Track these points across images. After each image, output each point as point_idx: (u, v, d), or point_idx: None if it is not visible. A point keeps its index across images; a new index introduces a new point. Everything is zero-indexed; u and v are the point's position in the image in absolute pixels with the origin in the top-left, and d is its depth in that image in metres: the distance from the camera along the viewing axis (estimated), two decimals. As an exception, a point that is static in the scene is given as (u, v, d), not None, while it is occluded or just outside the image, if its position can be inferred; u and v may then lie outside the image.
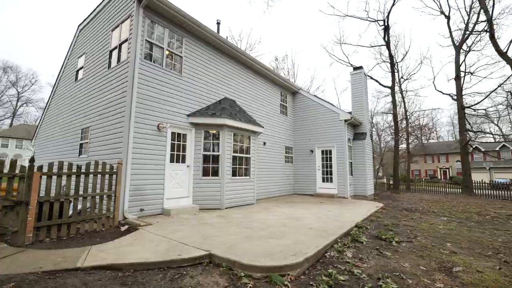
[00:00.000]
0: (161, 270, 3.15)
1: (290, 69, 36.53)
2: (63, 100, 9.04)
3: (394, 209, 8.54)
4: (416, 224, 6.08)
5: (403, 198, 13.11)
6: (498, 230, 5.69)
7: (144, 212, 5.70)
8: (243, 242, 3.89)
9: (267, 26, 57.98)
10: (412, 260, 3.61)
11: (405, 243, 4.42)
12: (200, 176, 7.03)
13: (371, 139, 13.05)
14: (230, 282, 2.87)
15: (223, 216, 5.98)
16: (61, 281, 2.75)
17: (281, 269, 3.01)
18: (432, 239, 4.76)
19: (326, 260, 3.55)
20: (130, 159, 5.49)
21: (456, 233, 5.24)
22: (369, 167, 11.86)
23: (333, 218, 5.96)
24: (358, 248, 4.08)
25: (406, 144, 19.91)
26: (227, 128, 7.34)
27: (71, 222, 4.55)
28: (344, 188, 10.57)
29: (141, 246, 3.73)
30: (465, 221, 6.80)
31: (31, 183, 4.11)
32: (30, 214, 4.05)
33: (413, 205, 10.00)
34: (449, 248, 4.18)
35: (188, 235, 4.29)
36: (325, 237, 4.23)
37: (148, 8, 6.08)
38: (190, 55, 7.24)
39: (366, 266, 3.34)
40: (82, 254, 3.43)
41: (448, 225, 6.03)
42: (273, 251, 3.47)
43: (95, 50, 7.44)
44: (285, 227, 4.95)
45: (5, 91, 43.86)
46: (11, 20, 69.64)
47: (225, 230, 4.64)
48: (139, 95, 5.78)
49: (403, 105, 19.70)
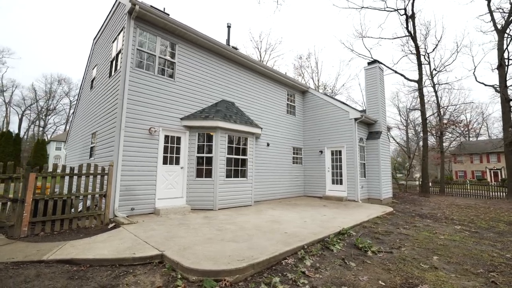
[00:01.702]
0: (113, 267, 3.34)
1: (314, 67, 35.53)
2: (83, 108, 10.05)
3: (404, 215, 7.79)
4: (415, 232, 5.48)
5: (428, 203, 11.88)
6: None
7: (134, 211, 6.07)
8: (201, 244, 3.93)
9: (288, 25, 57.19)
10: (375, 273, 3.28)
11: (383, 253, 4.03)
12: (194, 177, 7.24)
13: (388, 138, 12.07)
14: (165, 283, 2.93)
15: (208, 217, 6.09)
16: (20, 271, 3.09)
17: (218, 274, 2.98)
18: (419, 250, 4.25)
19: (279, 268, 3.41)
20: (120, 161, 5.90)
21: (455, 245, 4.60)
22: (385, 169, 10.99)
23: (318, 223, 5.67)
24: (324, 256, 3.83)
25: (439, 143, 17.88)
26: (220, 130, 7.44)
27: (64, 218, 5.05)
28: (354, 191, 9.95)
29: (109, 243, 4.00)
30: (484, 231, 5.92)
31: (27, 183, 4.67)
32: (26, 210, 4.60)
33: (433, 211, 9.00)
34: (432, 262, 3.70)
35: (157, 234, 4.46)
36: (290, 243, 4.06)
37: (139, 18, 6.47)
38: (184, 60, 7.50)
39: (318, 277, 3.14)
40: (55, 248, 3.79)
41: (454, 235, 5.33)
42: (222, 255, 3.44)
43: (103, 61, 8.14)
44: (257, 231, 4.86)
45: (60, 100, 50.17)
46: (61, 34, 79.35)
47: (196, 232, 4.72)
48: (130, 101, 6.17)
49: (436, 100, 17.75)
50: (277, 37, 55.95)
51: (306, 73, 34.03)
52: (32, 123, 50.72)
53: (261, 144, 9.75)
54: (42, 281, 2.89)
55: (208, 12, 63.22)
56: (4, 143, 28.28)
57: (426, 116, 15.42)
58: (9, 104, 47.56)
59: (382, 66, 12.07)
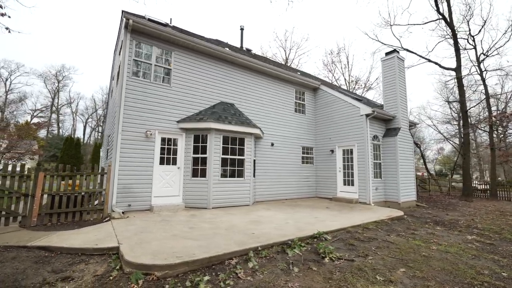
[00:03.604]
0: (76, 255, 3.80)
1: (344, 63, 33.64)
2: (108, 115, 11.36)
3: (415, 220, 6.94)
4: (405, 240, 4.88)
5: (465, 208, 10.32)
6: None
7: (131, 207, 6.67)
8: (161, 240, 4.16)
9: (314, 22, 54.86)
10: (311, 282, 3.09)
11: (342, 261, 3.72)
12: (190, 177, 7.61)
13: (411, 135, 10.83)
14: (105, 272, 3.23)
15: (194, 215, 6.35)
16: (5, 254, 3.73)
17: (149, 268, 3.16)
18: (390, 260, 3.81)
19: (219, 267, 3.44)
20: (118, 162, 6.55)
21: (441, 258, 3.98)
22: (405, 169, 9.90)
23: (299, 225, 5.46)
24: (273, 259, 3.72)
25: (490, 139, 15.15)
26: (214, 131, 7.68)
27: (68, 211, 5.84)
28: (365, 192, 9.22)
29: (86, 235, 4.52)
30: (504, 244, 4.97)
31: (36, 181, 5.54)
32: (35, 204, 5.47)
33: (458, 217, 7.81)
34: (391, 275, 3.31)
35: (133, 229, 4.86)
36: (245, 244, 4.04)
37: (135, 31, 7.08)
38: (181, 65, 7.93)
39: (248, 280, 3.09)
40: (44, 237, 4.45)
41: (452, 247, 4.60)
42: (168, 251, 3.61)
43: (115, 72, 9.10)
44: (227, 230, 4.92)
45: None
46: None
47: (170, 228, 5.00)
48: (126, 107, 6.81)
49: (484, 89, 15.15)
50: (303, 34, 54.19)
51: (337, 70, 32.43)
52: (93, 130, 58.71)
53: (264, 144, 9.71)
54: (13, 262, 3.45)
55: (227, 15, 64.85)
56: (67, 147, 33.28)
57: (467, 109, 13.27)
58: (75, 113, 55.86)
59: (403, 56, 10.90)
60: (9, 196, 5.24)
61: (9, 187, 5.28)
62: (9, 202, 5.23)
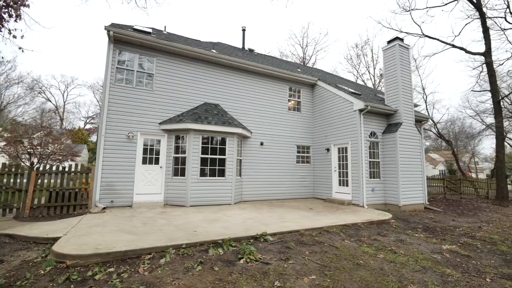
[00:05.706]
0: (28, 243, 4.33)
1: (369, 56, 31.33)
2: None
3: (401, 226, 6.22)
4: (357, 245, 4.43)
5: (491, 213, 8.89)
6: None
7: (114, 203, 7.26)
8: (103, 233, 4.48)
9: (333, 15, 51.73)
10: (196, 282, 3.05)
11: (256, 263, 3.58)
12: (171, 176, 7.98)
13: (419, 131, 9.66)
14: (33, 259, 3.64)
15: (163, 212, 6.66)
16: (-24, 239, 4.43)
17: (64, 257, 3.46)
18: (313, 266, 3.53)
19: (132, 261, 3.59)
20: (101, 161, 7.20)
21: (374, 268, 3.54)
22: (408, 168, 8.91)
23: (249, 225, 5.36)
24: (187, 257, 3.74)
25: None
26: (193, 132, 7.92)
27: (56, 206, 6.63)
28: (358, 193, 8.56)
29: (51, 226, 5.09)
30: (489, 255, 4.20)
31: (29, 178, 6.41)
32: (28, 198, 6.33)
33: (463, 224, 6.77)
34: (296, 282, 3.09)
35: (94, 223, 5.31)
36: (173, 240, 4.14)
37: (117, 40, 7.69)
38: (163, 70, 8.36)
39: (145, 275, 3.19)
40: (19, 226, 5.15)
41: (403, 258, 4.05)
42: (94, 244, 3.88)
43: (115, 80, 9.96)
44: (175, 227, 5.07)
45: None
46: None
47: (125, 223, 5.34)
48: (109, 111, 7.43)
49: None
50: (321, 29, 51.82)
51: (362, 64, 30.41)
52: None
53: (253, 143, 9.66)
54: (-26, 246, 4.09)
55: (235, 17, 65.47)
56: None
57: (499, 99, 11.21)
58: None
59: (407, 44, 9.81)
60: (6, 191, 6.17)
61: (6, 183, 6.22)
62: (6, 196, 6.16)
